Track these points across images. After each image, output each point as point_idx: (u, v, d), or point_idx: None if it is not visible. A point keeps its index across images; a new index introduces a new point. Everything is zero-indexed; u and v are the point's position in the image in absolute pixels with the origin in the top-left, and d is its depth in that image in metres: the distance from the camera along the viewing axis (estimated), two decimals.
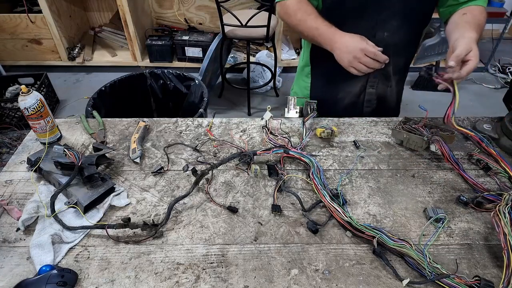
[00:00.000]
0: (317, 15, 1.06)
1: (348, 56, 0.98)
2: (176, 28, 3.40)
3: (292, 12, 1.09)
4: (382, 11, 1.04)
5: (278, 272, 0.72)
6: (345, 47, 0.99)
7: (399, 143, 1.04)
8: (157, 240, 0.79)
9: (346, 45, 0.99)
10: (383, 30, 1.07)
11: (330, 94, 1.24)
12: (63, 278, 0.68)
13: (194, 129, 1.11)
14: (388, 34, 1.07)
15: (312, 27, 1.06)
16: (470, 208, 0.85)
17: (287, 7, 1.10)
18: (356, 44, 0.97)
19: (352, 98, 1.23)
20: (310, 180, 0.90)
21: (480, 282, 0.67)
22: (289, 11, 1.10)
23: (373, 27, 1.06)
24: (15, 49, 3.16)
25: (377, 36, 1.07)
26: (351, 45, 0.98)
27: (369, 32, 1.06)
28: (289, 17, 1.11)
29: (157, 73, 2.17)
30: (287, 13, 1.11)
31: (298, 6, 1.08)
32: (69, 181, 0.85)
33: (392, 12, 1.04)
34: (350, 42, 0.99)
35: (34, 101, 0.95)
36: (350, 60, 0.98)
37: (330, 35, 1.02)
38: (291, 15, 1.10)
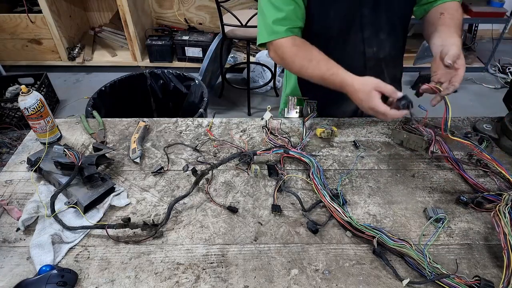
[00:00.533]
0: (318, 58, 0.98)
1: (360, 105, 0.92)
2: (176, 28, 3.41)
3: (289, 58, 1.01)
4: (365, 29, 1.03)
5: (278, 272, 0.72)
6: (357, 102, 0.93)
7: (399, 143, 1.04)
8: (157, 240, 0.79)
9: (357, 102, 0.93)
10: (371, 46, 1.06)
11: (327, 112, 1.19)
12: (63, 278, 0.68)
13: (194, 129, 1.11)
14: (376, 49, 1.07)
15: (316, 76, 0.99)
16: (470, 208, 0.85)
17: (282, 51, 1.01)
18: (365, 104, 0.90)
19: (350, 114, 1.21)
20: (310, 180, 0.90)
21: (480, 282, 0.67)
22: (285, 57, 1.02)
23: (360, 45, 1.06)
24: (15, 49, 3.16)
25: (367, 53, 1.07)
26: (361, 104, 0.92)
27: (358, 49, 1.07)
28: (287, 65, 1.04)
29: (157, 73, 2.18)
30: (284, 60, 1.03)
31: (294, 50, 1.00)
32: (69, 181, 0.85)
33: (376, 28, 1.04)
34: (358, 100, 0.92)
35: (34, 101, 0.95)
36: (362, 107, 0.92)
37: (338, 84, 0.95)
38: (289, 62, 1.02)
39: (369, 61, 1.09)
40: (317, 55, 0.99)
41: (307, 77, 1.02)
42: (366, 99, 0.89)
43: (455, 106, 1.77)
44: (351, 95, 0.93)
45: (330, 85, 0.97)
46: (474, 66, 3.26)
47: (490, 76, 3.26)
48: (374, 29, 1.04)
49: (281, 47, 1.02)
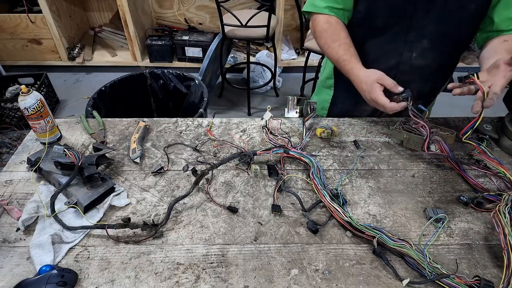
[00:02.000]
0: (340, 43, 1.02)
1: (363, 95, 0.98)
2: (176, 28, 3.41)
3: (318, 33, 1.08)
4: (410, 31, 1.00)
5: (278, 272, 0.72)
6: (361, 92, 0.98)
7: (399, 143, 1.04)
8: (157, 240, 0.79)
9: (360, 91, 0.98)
10: (411, 50, 1.03)
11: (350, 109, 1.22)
12: (63, 278, 0.68)
13: (194, 129, 1.11)
14: (416, 56, 1.04)
15: (333, 57, 1.05)
16: (470, 208, 0.85)
17: (316, 24, 1.08)
18: (367, 94, 0.95)
19: (370, 113, 1.21)
20: (310, 180, 0.90)
21: (480, 282, 0.66)
22: (316, 30, 1.08)
23: (400, 46, 1.04)
24: (15, 49, 3.16)
25: (404, 57, 1.05)
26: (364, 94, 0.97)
27: (397, 50, 1.04)
28: (316, 38, 1.10)
29: (157, 73, 2.17)
30: (314, 32, 1.09)
31: (325, 26, 1.05)
32: (69, 181, 0.85)
33: (422, 34, 1.00)
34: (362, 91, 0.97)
35: (34, 101, 0.95)
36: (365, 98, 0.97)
37: (347, 72, 1.01)
38: (317, 36, 1.09)
39: (404, 65, 1.06)
40: (343, 38, 1.03)
41: (327, 55, 1.08)
42: (368, 90, 0.94)
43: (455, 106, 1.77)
44: (357, 85, 0.99)
45: (341, 69, 1.03)
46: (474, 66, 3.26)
47: None
48: (420, 35, 1.01)
49: (315, 21, 1.08)
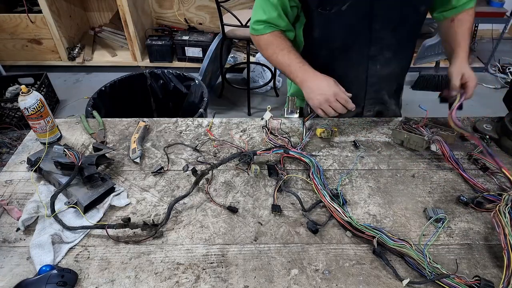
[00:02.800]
0: (289, 50, 1.05)
1: (320, 97, 0.98)
2: (176, 28, 3.40)
3: (263, 46, 1.09)
4: (371, 46, 1.03)
5: (278, 272, 0.72)
6: (318, 88, 0.99)
7: (400, 143, 1.04)
8: (157, 240, 0.79)
9: (319, 87, 0.99)
10: (375, 64, 1.06)
11: None
12: (63, 278, 0.68)
13: (194, 129, 1.11)
14: (380, 67, 1.07)
15: (284, 62, 1.05)
16: (470, 208, 0.85)
17: (259, 40, 1.10)
18: (330, 88, 0.98)
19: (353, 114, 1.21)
20: (310, 180, 0.90)
21: (480, 282, 0.67)
22: (261, 45, 1.10)
23: (364, 61, 1.05)
24: (15, 49, 3.16)
25: (370, 70, 1.07)
26: (324, 87, 0.98)
27: (362, 65, 1.06)
28: (262, 51, 1.12)
29: (157, 73, 2.17)
30: (259, 46, 1.11)
31: (270, 39, 1.07)
32: (69, 181, 0.85)
33: (382, 46, 1.03)
34: (324, 85, 0.99)
35: (34, 101, 0.95)
36: (321, 102, 0.98)
37: (302, 73, 1.02)
38: (263, 49, 1.10)
39: (371, 77, 1.09)
40: (290, 47, 1.06)
41: (276, 63, 1.09)
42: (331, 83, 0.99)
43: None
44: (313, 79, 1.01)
45: (293, 72, 1.04)
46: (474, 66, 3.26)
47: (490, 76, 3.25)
48: (381, 47, 1.03)
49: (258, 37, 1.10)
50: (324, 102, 0.98)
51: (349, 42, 1.03)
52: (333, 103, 0.98)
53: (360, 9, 0.95)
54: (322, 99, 0.98)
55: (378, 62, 1.06)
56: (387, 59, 1.06)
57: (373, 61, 1.05)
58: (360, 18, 0.98)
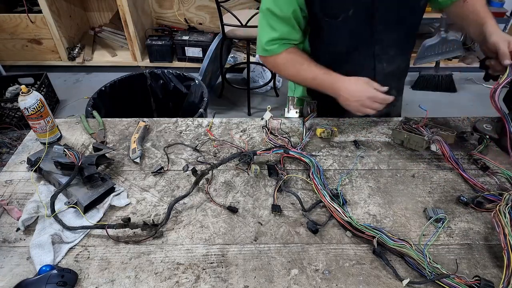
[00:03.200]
0: (309, 63, 1.03)
1: (356, 104, 0.97)
2: (176, 28, 3.40)
3: (282, 66, 1.07)
4: (375, 45, 1.04)
5: (278, 272, 0.72)
6: (351, 96, 0.97)
7: (400, 143, 1.04)
8: (157, 240, 0.79)
9: (352, 94, 0.97)
10: (381, 62, 1.07)
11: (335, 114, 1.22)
12: (63, 278, 0.68)
13: (194, 129, 1.11)
14: (386, 65, 1.08)
15: (308, 77, 1.03)
16: (470, 208, 0.85)
17: (275, 60, 1.07)
18: (363, 93, 0.96)
19: None
20: (310, 180, 0.90)
21: (480, 282, 0.67)
22: (278, 65, 1.07)
23: (370, 60, 1.06)
24: (15, 49, 3.16)
25: (377, 68, 1.08)
26: (358, 94, 0.97)
27: (368, 64, 1.07)
28: (281, 72, 1.09)
29: (157, 73, 2.17)
30: (277, 67, 1.08)
31: (287, 58, 1.05)
32: (69, 181, 0.85)
33: (386, 44, 1.04)
34: (356, 91, 0.97)
35: (34, 101, 0.95)
36: (358, 108, 0.97)
37: (331, 83, 1.00)
38: (282, 69, 1.07)
39: (378, 75, 1.09)
40: (308, 59, 1.04)
41: (300, 80, 1.08)
42: (363, 87, 0.97)
43: (455, 106, 1.77)
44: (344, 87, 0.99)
45: (322, 85, 1.03)
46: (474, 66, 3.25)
47: None
48: (385, 45, 1.04)
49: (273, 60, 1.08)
50: (361, 107, 0.97)
51: (354, 44, 1.04)
52: (372, 105, 0.96)
53: (363, 13, 0.97)
54: (359, 104, 0.97)
55: (383, 60, 1.06)
56: (391, 57, 1.07)
57: (378, 60, 1.06)
58: (363, 21, 0.99)
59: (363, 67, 1.08)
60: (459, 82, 3.05)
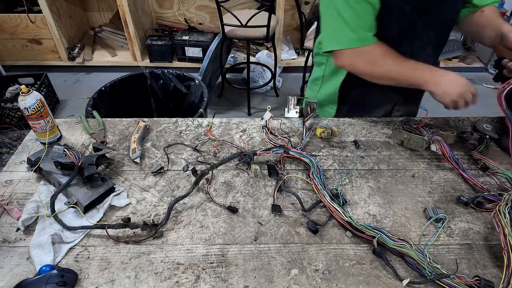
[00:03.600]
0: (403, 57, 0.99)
1: (456, 90, 0.95)
2: (176, 28, 3.41)
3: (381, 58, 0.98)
4: (415, 42, 1.04)
5: (278, 272, 0.72)
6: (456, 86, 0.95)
7: (400, 143, 1.04)
8: (157, 240, 0.79)
9: (456, 84, 0.95)
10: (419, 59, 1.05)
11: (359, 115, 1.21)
12: (63, 278, 0.68)
13: (194, 129, 1.11)
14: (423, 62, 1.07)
15: (408, 68, 0.98)
16: (470, 208, 0.85)
17: (372, 53, 0.98)
18: (467, 86, 0.95)
19: None
20: (310, 180, 0.90)
21: (480, 282, 0.67)
22: (376, 58, 0.99)
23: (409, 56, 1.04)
24: (15, 49, 3.16)
25: None
26: (459, 81, 0.95)
27: None
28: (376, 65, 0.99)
29: (157, 73, 2.17)
30: (373, 61, 0.99)
31: (383, 49, 0.98)
32: (69, 181, 0.85)
33: (425, 42, 1.05)
34: (456, 79, 0.96)
35: (34, 101, 0.95)
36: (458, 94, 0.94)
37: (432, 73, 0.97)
38: (379, 62, 0.99)
39: None
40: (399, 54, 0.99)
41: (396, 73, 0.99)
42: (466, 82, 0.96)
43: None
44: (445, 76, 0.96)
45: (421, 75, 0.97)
46: (474, 66, 3.26)
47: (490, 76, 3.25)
48: (424, 43, 1.05)
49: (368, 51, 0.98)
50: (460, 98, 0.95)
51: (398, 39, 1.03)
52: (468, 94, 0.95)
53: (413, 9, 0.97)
54: (461, 95, 0.95)
55: (420, 59, 1.05)
56: (427, 56, 1.07)
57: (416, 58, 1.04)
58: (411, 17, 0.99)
59: None
60: None
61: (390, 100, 1.16)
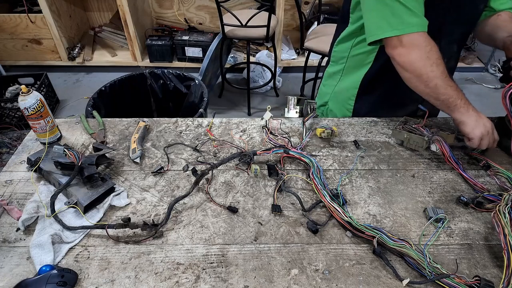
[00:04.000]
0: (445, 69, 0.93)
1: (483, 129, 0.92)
2: (176, 28, 3.41)
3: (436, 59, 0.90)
4: (442, 39, 1.02)
5: (278, 272, 0.72)
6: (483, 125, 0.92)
7: (400, 143, 1.04)
8: (157, 240, 0.79)
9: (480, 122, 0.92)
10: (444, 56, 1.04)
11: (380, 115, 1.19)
12: (63, 278, 0.68)
13: (194, 129, 1.11)
14: (446, 60, 1.06)
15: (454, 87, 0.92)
16: (470, 208, 0.85)
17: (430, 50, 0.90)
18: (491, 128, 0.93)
19: None
20: (310, 180, 0.90)
21: (480, 282, 0.67)
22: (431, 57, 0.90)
23: None
24: (15, 49, 3.16)
25: None
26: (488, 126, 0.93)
27: None
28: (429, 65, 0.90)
29: (157, 73, 2.17)
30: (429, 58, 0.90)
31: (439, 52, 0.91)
32: (69, 181, 0.85)
33: (451, 39, 1.06)
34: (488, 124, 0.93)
35: (34, 101, 0.95)
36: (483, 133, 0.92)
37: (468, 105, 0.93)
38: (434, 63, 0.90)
39: None
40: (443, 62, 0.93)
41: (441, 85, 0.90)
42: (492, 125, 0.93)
43: None
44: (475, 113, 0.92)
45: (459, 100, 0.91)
46: (474, 66, 3.26)
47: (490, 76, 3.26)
48: (450, 41, 1.06)
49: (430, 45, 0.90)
50: (485, 134, 0.92)
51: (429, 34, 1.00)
52: (490, 136, 0.93)
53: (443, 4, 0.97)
54: (485, 131, 0.92)
55: (446, 55, 1.04)
56: (453, 53, 1.09)
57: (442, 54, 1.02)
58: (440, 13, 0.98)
59: None
60: (459, 82, 3.05)
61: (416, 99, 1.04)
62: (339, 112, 1.26)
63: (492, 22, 1.10)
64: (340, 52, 1.20)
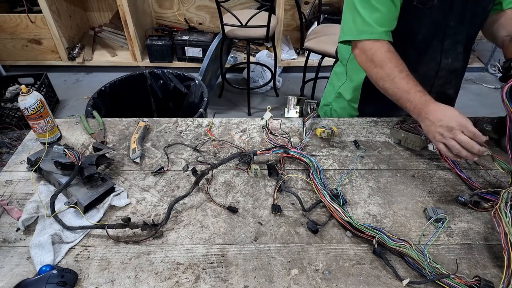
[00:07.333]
0: (408, 73, 0.92)
1: (441, 129, 0.82)
2: (176, 28, 3.41)
3: (379, 62, 0.94)
4: (445, 40, 1.04)
5: (278, 272, 0.72)
6: (438, 119, 0.83)
7: (397, 142, 1.04)
8: (157, 240, 0.79)
9: (440, 117, 0.83)
10: (447, 57, 1.07)
11: None
12: (63, 278, 0.68)
13: (194, 129, 1.11)
14: (451, 61, 1.08)
15: (403, 89, 0.91)
16: (470, 208, 0.85)
17: (374, 53, 0.95)
18: (454, 118, 0.82)
19: None
20: (310, 180, 0.90)
21: (480, 282, 0.67)
22: (375, 59, 0.95)
23: (437, 55, 1.06)
24: (15, 49, 3.16)
25: (442, 64, 1.08)
26: (446, 118, 0.83)
27: (435, 59, 1.07)
28: (373, 67, 0.96)
29: (157, 73, 2.17)
30: (372, 62, 0.95)
31: (388, 55, 0.94)
32: (69, 181, 0.85)
33: (456, 40, 1.05)
34: (446, 115, 0.83)
35: (34, 101, 0.95)
36: (442, 134, 0.82)
37: (422, 104, 0.88)
38: (377, 65, 0.94)
39: (441, 71, 1.09)
40: (406, 68, 0.94)
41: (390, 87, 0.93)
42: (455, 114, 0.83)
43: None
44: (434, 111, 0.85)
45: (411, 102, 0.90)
46: (474, 66, 3.26)
47: (490, 76, 3.26)
48: (454, 41, 1.05)
49: (373, 49, 0.96)
50: (446, 133, 0.82)
51: (429, 36, 1.03)
52: (458, 136, 0.80)
53: (444, 5, 0.97)
54: (444, 130, 0.82)
55: (450, 56, 1.06)
56: (458, 54, 1.08)
57: (445, 55, 1.06)
58: (442, 13, 0.99)
59: (429, 61, 1.08)
60: None
61: None
62: (344, 112, 1.26)
63: (495, 19, 1.09)
64: (342, 53, 1.21)
